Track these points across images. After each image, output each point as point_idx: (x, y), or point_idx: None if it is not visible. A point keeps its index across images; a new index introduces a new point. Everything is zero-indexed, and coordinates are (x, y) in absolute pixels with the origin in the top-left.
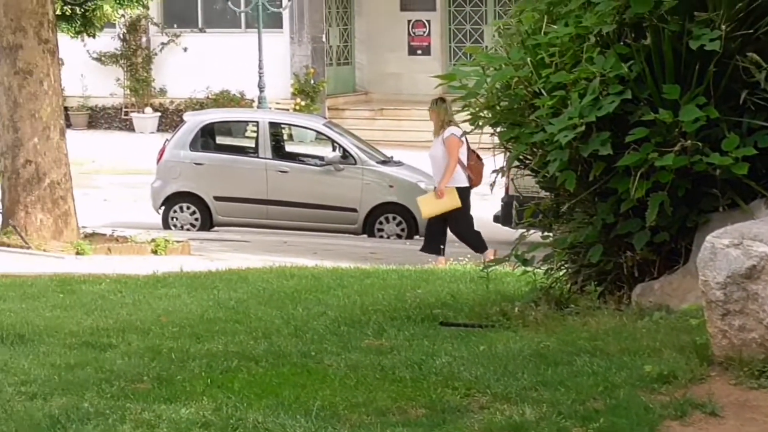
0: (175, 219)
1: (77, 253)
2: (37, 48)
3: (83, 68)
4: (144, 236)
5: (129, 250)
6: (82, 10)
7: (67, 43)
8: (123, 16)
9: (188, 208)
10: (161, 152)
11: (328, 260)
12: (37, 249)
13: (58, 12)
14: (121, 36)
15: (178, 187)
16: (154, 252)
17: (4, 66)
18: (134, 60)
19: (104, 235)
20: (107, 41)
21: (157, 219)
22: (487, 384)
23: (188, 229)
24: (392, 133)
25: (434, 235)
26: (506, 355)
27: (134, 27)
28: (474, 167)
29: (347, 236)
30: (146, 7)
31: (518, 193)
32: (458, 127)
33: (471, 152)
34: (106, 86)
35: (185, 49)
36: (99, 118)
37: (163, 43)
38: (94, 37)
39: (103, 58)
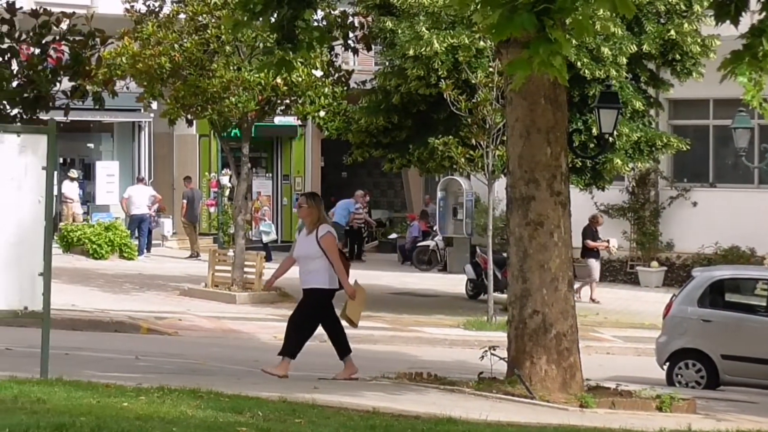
0: (679, 375)
1: (581, 406)
2: (548, 200)
3: None
4: (648, 392)
5: (633, 405)
6: (593, 163)
7: (574, 195)
8: (633, 169)
9: (694, 365)
10: (668, 307)
11: None
12: (541, 400)
13: (569, 164)
14: (630, 189)
15: (684, 344)
16: (659, 408)
17: (516, 216)
18: (642, 213)
19: (608, 388)
20: (615, 194)
21: (661, 374)
22: None
23: (693, 387)
24: None
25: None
26: None
27: (643, 180)
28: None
29: None
30: (657, 161)
31: None
32: (330, 225)
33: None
34: (612, 238)
35: (694, 204)
36: (604, 270)
37: (671, 197)
38: (603, 189)
39: (610, 211)
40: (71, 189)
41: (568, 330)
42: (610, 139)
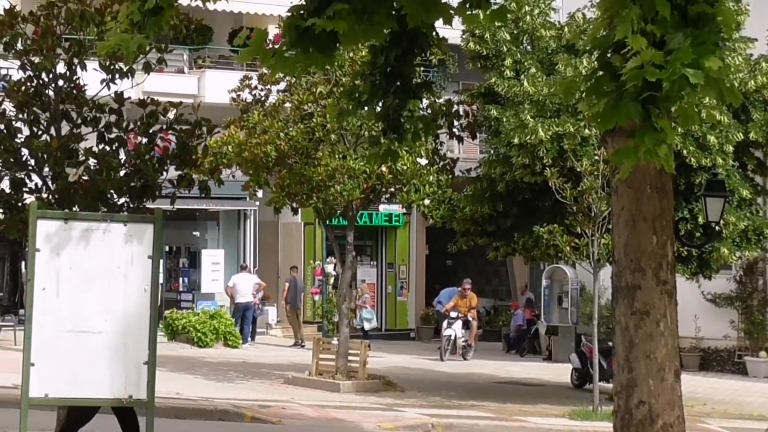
0: None
1: None
2: (655, 289)
3: (696, 309)
4: None
5: None
6: (699, 252)
7: (681, 284)
8: (740, 258)
9: None
10: None
11: None
12: None
13: (676, 253)
14: (737, 278)
15: None
16: None
17: (621, 306)
18: (749, 302)
19: None
20: (722, 283)
21: None
22: None
23: None
24: None
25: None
26: None
27: (751, 269)
28: None
29: None
30: (765, 249)
31: None
32: None
33: None
34: (719, 328)
35: None
36: (711, 360)
37: None
38: (710, 278)
39: (717, 300)
40: None
41: (675, 421)
42: (717, 227)
